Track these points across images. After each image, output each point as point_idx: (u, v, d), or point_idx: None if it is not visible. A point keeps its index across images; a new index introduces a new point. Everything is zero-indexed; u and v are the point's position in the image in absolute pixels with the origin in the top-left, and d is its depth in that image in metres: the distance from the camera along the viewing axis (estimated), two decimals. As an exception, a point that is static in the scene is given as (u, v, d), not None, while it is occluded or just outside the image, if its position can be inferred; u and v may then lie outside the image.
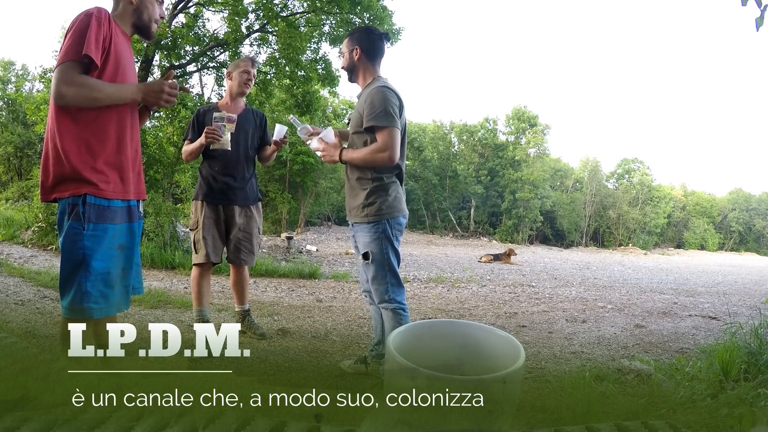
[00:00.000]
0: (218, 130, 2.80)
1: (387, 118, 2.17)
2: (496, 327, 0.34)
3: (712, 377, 2.45)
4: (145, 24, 1.80)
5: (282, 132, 2.96)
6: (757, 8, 2.26)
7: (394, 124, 2.18)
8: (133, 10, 1.77)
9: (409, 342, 0.36)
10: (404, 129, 2.38)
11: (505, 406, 0.31)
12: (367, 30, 2.45)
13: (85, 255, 1.67)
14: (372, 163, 2.26)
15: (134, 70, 1.89)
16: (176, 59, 8.27)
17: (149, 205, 7.43)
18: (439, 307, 4.95)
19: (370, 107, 2.20)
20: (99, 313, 1.71)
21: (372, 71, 2.38)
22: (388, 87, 2.26)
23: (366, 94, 2.28)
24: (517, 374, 0.30)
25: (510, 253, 11.89)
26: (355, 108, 2.43)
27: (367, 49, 2.35)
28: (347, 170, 2.43)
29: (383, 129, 2.18)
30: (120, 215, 1.78)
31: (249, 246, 3.11)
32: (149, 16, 1.80)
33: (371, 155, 2.22)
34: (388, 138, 2.18)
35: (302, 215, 17.69)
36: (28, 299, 3.99)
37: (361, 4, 7.98)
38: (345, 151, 2.34)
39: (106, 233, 1.72)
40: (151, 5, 1.80)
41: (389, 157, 2.19)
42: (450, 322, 0.37)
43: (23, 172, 20.51)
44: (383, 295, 2.30)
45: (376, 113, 2.18)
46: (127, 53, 1.80)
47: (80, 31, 1.61)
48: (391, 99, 2.21)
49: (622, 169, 32.28)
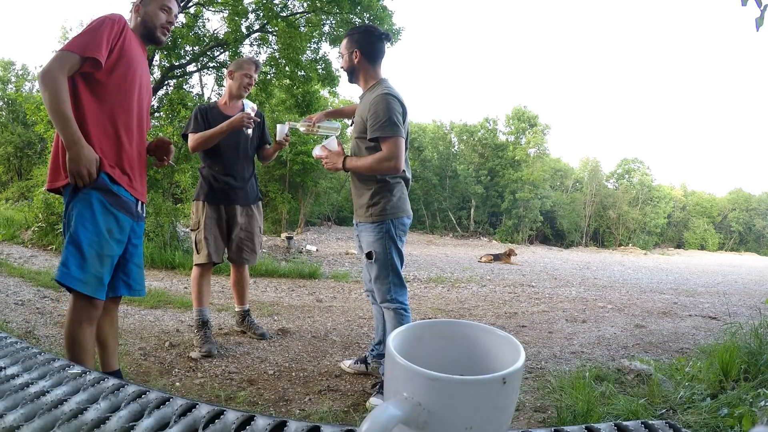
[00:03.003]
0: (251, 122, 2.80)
1: (392, 127, 2.15)
2: (496, 327, 0.34)
3: (712, 377, 2.45)
4: (150, 31, 1.93)
5: (283, 131, 2.95)
6: (757, 8, 2.27)
7: (398, 133, 2.17)
8: (140, 21, 1.92)
9: (409, 342, 0.37)
10: (407, 134, 2.37)
11: (505, 406, 0.31)
12: (367, 30, 2.37)
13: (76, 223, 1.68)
14: (378, 172, 2.25)
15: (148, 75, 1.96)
16: (176, 59, 8.27)
17: (149, 205, 7.43)
18: (439, 307, 4.95)
19: (374, 117, 2.18)
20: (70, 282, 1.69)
21: (373, 73, 2.35)
22: (391, 94, 2.22)
23: (370, 101, 2.24)
24: (517, 374, 0.30)
25: (510, 253, 11.88)
26: (357, 112, 2.41)
27: (367, 51, 2.31)
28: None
29: (388, 139, 2.17)
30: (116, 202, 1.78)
31: (251, 245, 3.11)
32: (153, 23, 1.92)
33: (377, 164, 2.21)
34: (393, 147, 2.17)
35: (302, 215, 17.69)
36: (28, 299, 3.99)
37: (361, 4, 7.98)
38: (348, 159, 2.32)
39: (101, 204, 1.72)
40: (154, 15, 1.91)
41: (394, 166, 2.19)
42: (450, 322, 0.37)
43: (23, 172, 20.51)
44: (385, 295, 2.30)
45: (380, 123, 2.16)
46: (140, 57, 1.89)
47: (94, 31, 1.69)
48: (394, 107, 2.19)
49: (622, 169, 32.31)
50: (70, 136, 1.62)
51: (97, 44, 1.67)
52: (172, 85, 8.63)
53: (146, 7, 1.91)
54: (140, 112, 1.89)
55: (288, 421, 0.52)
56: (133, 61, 1.82)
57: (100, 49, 1.67)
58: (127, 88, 1.81)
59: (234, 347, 3.04)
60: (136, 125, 1.86)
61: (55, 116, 1.61)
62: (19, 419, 0.50)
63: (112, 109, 1.77)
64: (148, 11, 1.90)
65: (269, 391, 2.40)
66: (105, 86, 1.74)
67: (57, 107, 1.61)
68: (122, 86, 1.79)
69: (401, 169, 2.22)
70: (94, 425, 0.50)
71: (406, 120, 2.28)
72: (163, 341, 3.07)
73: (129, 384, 0.59)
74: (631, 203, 30.51)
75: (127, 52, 1.78)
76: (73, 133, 1.62)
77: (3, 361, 0.65)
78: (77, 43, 1.66)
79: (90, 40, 1.67)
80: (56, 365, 0.64)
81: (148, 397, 0.56)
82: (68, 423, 0.50)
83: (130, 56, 1.80)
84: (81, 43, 1.66)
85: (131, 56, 1.80)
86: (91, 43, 1.66)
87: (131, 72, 1.81)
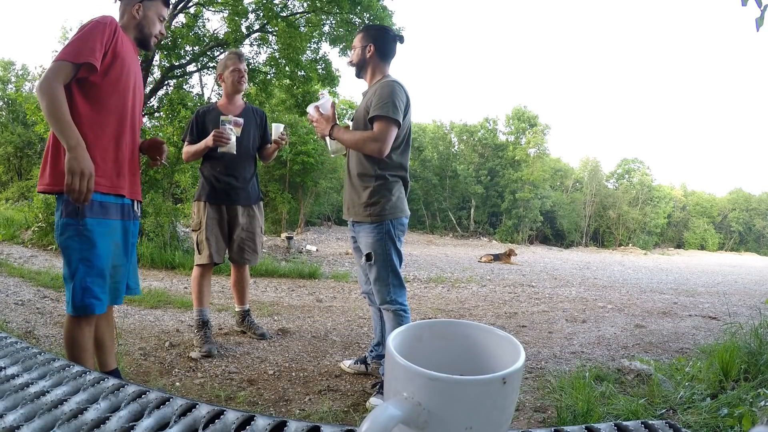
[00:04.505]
0: (225, 133, 2.80)
1: (391, 109, 2.13)
2: (496, 327, 0.34)
3: (712, 377, 2.45)
4: (145, 37, 1.93)
5: (279, 130, 2.95)
6: (757, 8, 2.27)
7: (395, 116, 2.14)
8: (136, 23, 1.91)
9: (409, 342, 0.36)
10: (409, 130, 2.36)
11: (505, 406, 0.31)
12: (384, 29, 2.40)
13: (82, 250, 1.69)
14: (360, 149, 2.22)
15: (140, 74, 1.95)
16: (176, 59, 8.27)
17: (149, 205, 7.43)
18: (439, 307, 4.95)
19: (378, 98, 2.16)
20: (99, 309, 1.73)
21: (381, 70, 2.35)
22: (398, 82, 2.23)
23: (374, 88, 2.25)
24: (517, 374, 0.30)
25: (510, 253, 11.88)
26: (357, 107, 2.39)
27: (381, 48, 2.33)
28: (349, 166, 2.40)
29: (383, 119, 2.14)
30: (114, 211, 1.81)
31: (252, 245, 3.11)
32: (150, 31, 1.92)
33: (363, 141, 2.18)
34: (384, 129, 2.14)
35: (302, 215, 17.68)
36: (28, 299, 3.99)
37: (361, 4, 7.97)
38: (337, 128, 2.30)
39: (102, 228, 1.74)
40: (152, 22, 1.92)
41: (379, 149, 2.15)
42: (450, 322, 0.37)
43: (23, 172, 20.51)
44: (385, 297, 2.27)
45: (382, 103, 2.14)
46: (133, 57, 1.88)
47: (86, 36, 1.68)
48: (399, 94, 2.18)
49: (622, 169, 32.32)
50: (72, 140, 1.62)
51: (91, 48, 1.67)
52: (172, 85, 8.63)
53: (146, 11, 1.90)
54: (134, 111, 1.89)
55: (288, 421, 0.52)
56: (127, 62, 1.81)
57: (94, 53, 1.67)
58: (122, 90, 1.81)
59: (234, 347, 3.04)
60: (129, 126, 1.87)
61: (55, 122, 1.62)
62: (19, 419, 0.50)
63: (107, 110, 1.77)
64: (148, 16, 1.90)
65: (269, 391, 2.40)
66: (100, 88, 1.74)
67: (54, 113, 1.61)
68: (117, 88, 1.79)
69: (385, 154, 2.18)
70: (94, 425, 0.50)
71: (408, 113, 2.27)
72: (163, 341, 3.07)
73: (129, 384, 0.59)
74: (631, 203, 30.52)
75: (120, 53, 1.78)
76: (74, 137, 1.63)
77: (3, 361, 0.65)
78: (70, 51, 1.66)
79: (83, 46, 1.67)
80: (56, 365, 0.64)
81: (148, 397, 0.56)
82: (68, 423, 0.50)
83: (123, 57, 1.80)
84: (74, 50, 1.66)
85: (124, 57, 1.80)
86: (84, 48, 1.66)
87: (125, 73, 1.81)
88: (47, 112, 1.62)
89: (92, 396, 0.56)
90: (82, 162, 1.63)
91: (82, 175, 1.64)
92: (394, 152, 2.26)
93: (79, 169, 1.62)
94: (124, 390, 0.58)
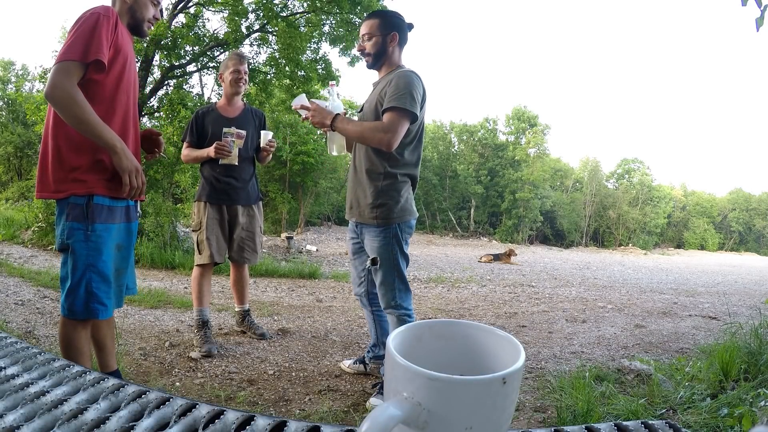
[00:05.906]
0: (228, 146, 2.85)
1: (408, 101, 1.99)
2: (496, 327, 0.34)
3: (712, 377, 2.45)
4: (138, 23, 1.82)
5: (267, 137, 2.98)
6: (757, 8, 2.27)
7: (411, 108, 1.99)
8: (128, 8, 1.79)
9: (409, 342, 0.36)
10: (422, 126, 2.21)
11: (505, 406, 0.31)
12: (401, 16, 2.22)
13: (89, 256, 1.66)
14: (367, 141, 2.06)
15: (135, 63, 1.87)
16: (176, 59, 8.26)
17: (149, 205, 7.43)
18: (439, 307, 4.95)
19: (395, 88, 2.02)
20: (104, 314, 1.71)
21: (398, 60, 2.22)
22: (416, 73, 2.09)
23: (390, 77, 2.10)
24: (517, 374, 0.30)
25: (510, 253, 11.88)
26: (369, 97, 2.24)
27: (402, 36, 2.19)
28: (356, 161, 2.24)
29: (396, 110, 1.99)
30: (119, 215, 1.79)
31: (252, 245, 3.12)
32: (142, 15, 1.81)
33: (371, 132, 2.02)
34: (396, 120, 1.99)
35: (302, 215, 17.67)
36: (28, 299, 3.99)
37: (361, 4, 7.97)
38: (340, 117, 2.10)
39: (109, 233, 1.72)
40: (144, 6, 1.80)
41: (388, 140, 2.00)
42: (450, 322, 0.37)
43: (23, 172, 20.50)
44: (390, 301, 2.19)
45: (399, 94, 2.00)
46: (130, 48, 1.80)
47: (88, 31, 1.57)
48: (417, 85, 2.05)
49: (622, 169, 32.30)
50: (110, 140, 1.58)
51: (98, 44, 1.57)
52: (172, 85, 8.62)
53: None
54: (134, 107, 1.85)
55: (288, 421, 0.52)
56: (128, 56, 1.75)
57: (101, 49, 1.57)
58: (125, 86, 1.75)
59: (234, 347, 3.04)
60: (132, 122, 1.83)
61: (87, 127, 1.55)
62: (19, 419, 0.50)
63: (113, 109, 1.71)
64: (139, 1, 1.79)
65: (269, 391, 2.40)
66: (103, 86, 1.66)
67: (83, 118, 1.54)
68: (119, 84, 1.72)
69: (393, 147, 2.03)
70: (94, 425, 0.50)
71: (423, 107, 2.15)
72: (163, 341, 3.07)
73: (129, 384, 0.59)
74: (631, 203, 30.50)
75: (121, 47, 1.70)
76: (112, 137, 1.59)
77: (3, 361, 0.65)
78: (76, 49, 1.54)
79: (89, 42, 1.56)
80: (56, 365, 0.64)
81: (148, 397, 0.56)
82: (68, 423, 0.50)
83: (125, 51, 1.72)
84: (80, 47, 1.54)
85: (125, 51, 1.73)
86: (91, 45, 1.56)
87: (126, 68, 1.74)
88: (75, 118, 1.54)
89: (92, 396, 0.56)
90: (132, 159, 1.62)
91: (137, 172, 1.63)
92: (405, 149, 2.14)
93: (132, 167, 1.61)
94: (124, 390, 0.58)
